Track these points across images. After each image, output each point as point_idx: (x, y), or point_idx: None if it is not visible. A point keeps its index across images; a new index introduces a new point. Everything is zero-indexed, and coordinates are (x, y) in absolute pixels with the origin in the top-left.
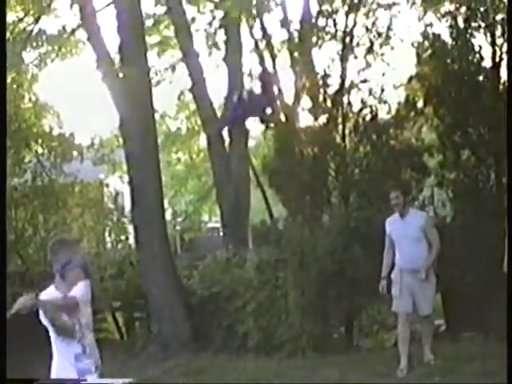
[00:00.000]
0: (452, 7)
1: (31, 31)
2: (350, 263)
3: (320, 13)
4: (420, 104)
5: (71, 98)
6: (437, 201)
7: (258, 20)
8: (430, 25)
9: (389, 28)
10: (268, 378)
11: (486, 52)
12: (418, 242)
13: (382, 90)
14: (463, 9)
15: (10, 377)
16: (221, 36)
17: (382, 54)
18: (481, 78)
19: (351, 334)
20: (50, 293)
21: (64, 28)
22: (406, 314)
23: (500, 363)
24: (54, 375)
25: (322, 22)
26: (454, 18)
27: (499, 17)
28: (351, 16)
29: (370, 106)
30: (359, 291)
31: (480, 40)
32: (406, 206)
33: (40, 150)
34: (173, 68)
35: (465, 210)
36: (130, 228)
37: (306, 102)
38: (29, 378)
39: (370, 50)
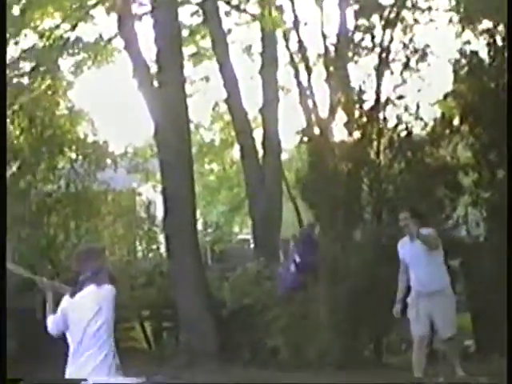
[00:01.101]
0: (490, 25)
1: (68, 38)
2: (380, 280)
3: (357, 27)
4: (456, 122)
5: (106, 105)
6: (471, 220)
7: (294, 33)
8: (468, 42)
9: (426, 45)
10: None
11: None
12: (431, 263)
13: (418, 107)
14: (501, 27)
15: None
16: (257, 48)
17: (419, 71)
18: None
19: (380, 351)
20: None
21: (101, 36)
22: (420, 337)
23: None
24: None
25: (358, 36)
26: (492, 36)
27: None
28: (388, 31)
29: (406, 123)
30: (389, 309)
31: None
32: (415, 227)
33: (74, 157)
34: (207, 79)
35: (498, 229)
36: (161, 237)
37: (340, 116)
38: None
39: (406, 65)
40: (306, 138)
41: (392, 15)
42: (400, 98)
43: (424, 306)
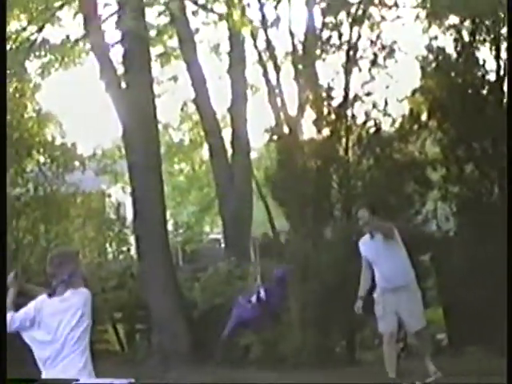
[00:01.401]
0: (457, 20)
1: (35, 40)
2: (352, 277)
3: (324, 25)
4: (424, 117)
5: (74, 107)
6: (440, 215)
7: (262, 31)
8: (435, 38)
9: (393, 41)
10: None
11: (491, 65)
12: (393, 257)
13: (386, 103)
14: (468, 22)
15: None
16: (224, 47)
17: (386, 67)
18: (485, 91)
19: (353, 347)
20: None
21: (68, 37)
22: (389, 333)
23: (500, 379)
24: None
25: (326, 34)
26: (459, 32)
27: (504, 30)
28: (355, 28)
29: (374, 119)
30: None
31: (484, 53)
32: (373, 224)
33: (42, 160)
34: (175, 79)
35: (468, 224)
36: (132, 239)
37: (309, 114)
38: (29, 378)
39: (374, 62)
40: (275, 137)
41: (359, 12)
42: (368, 94)
43: (390, 302)
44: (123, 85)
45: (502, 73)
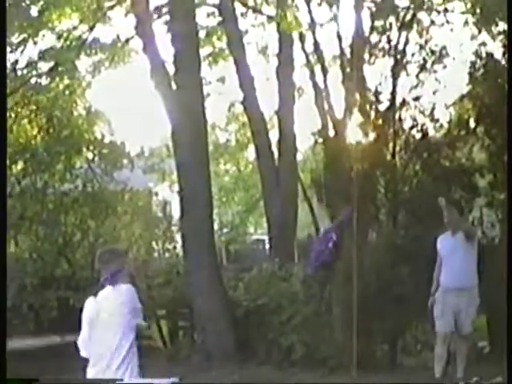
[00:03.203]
0: (506, 26)
1: (86, 39)
2: (395, 281)
3: (373, 29)
4: (472, 123)
5: (123, 106)
6: (486, 222)
7: (310, 34)
8: (484, 44)
9: (442, 46)
10: None
11: None
12: (467, 258)
13: (433, 109)
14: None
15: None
16: (272, 49)
17: (435, 72)
18: None
19: (395, 352)
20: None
21: (118, 37)
22: (445, 334)
23: None
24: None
25: (374, 38)
26: (508, 38)
27: None
28: (404, 33)
29: (422, 125)
30: (404, 310)
31: None
32: (460, 223)
33: (91, 157)
34: (223, 80)
35: None
36: (178, 237)
37: (356, 117)
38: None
39: (422, 67)
40: (321, 139)
41: (408, 17)
42: (416, 99)
43: (451, 302)
44: (173, 85)
45: None
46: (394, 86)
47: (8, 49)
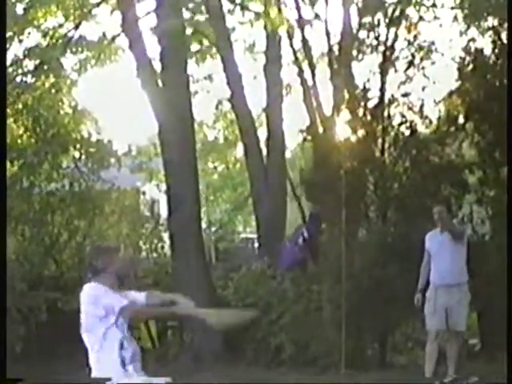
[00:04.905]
0: (495, 22)
1: (71, 37)
2: (385, 279)
3: (361, 25)
4: (461, 120)
5: (110, 104)
6: (476, 218)
7: (298, 31)
8: (473, 40)
9: (431, 42)
10: None
11: None
12: (455, 255)
13: (422, 105)
14: (506, 24)
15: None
16: (260, 47)
17: (423, 68)
18: None
19: (385, 350)
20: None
21: (104, 35)
22: (436, 331)
23: None
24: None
25: (362, 34)
26: (497, 33)
27: None
28: (392, 29)
29: (410, 121)
30: (394, 307)
31: None
32: (448, 223)
33: (78, 156)
34: (211, 77)
35: (504, 228)
36: (166, 236)
37: (344, 114)
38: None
39: (410, 63)
40: (309, 137)
41: (396, 13)
42: (405, 95)
43: (442, 299)
44: (160, 83)
45: None
46: (383, 83)
47: None
